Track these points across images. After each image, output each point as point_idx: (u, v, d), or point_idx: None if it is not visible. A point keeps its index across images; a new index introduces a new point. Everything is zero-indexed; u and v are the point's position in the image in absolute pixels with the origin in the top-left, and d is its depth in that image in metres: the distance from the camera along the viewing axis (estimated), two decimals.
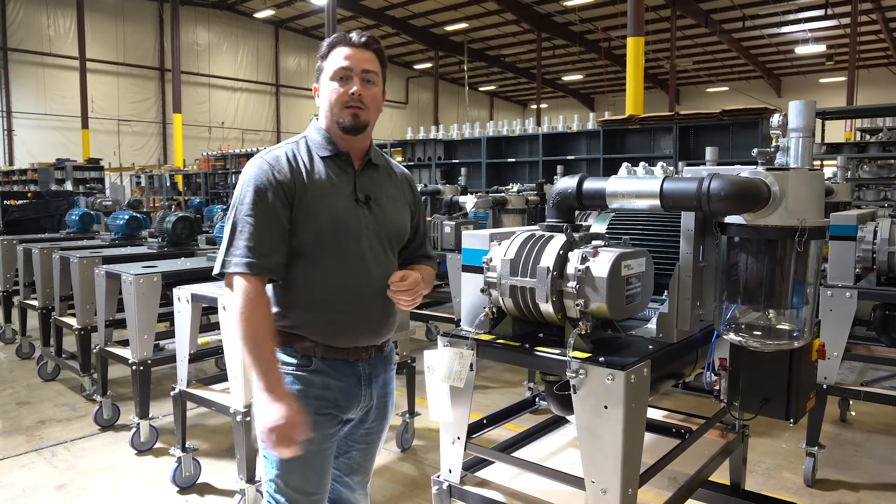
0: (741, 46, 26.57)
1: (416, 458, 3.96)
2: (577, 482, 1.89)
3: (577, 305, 1.82)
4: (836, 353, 3.42)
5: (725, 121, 9.11)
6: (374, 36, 1.89)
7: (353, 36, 1.85)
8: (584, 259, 1.83)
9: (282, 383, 1.72)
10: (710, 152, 5.07)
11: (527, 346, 1.94)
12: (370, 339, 1.90)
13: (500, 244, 2.02)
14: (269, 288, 1.82)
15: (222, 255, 1.74)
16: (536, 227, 2.10)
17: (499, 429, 2.53)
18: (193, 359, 3.48)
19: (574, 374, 1.76)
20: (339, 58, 1.82)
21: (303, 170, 1.81)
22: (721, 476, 2.68)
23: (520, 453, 2.37)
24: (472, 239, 2.20)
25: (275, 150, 1.85)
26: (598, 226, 2.46)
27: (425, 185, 7.74)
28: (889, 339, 3.87)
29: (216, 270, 1.75)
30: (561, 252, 1.87)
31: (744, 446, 2.70)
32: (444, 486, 2.15)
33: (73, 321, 4.81)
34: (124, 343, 4.32)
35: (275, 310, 1.82)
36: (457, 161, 12.76)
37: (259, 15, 26.63)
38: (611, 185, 1.99)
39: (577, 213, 2.30)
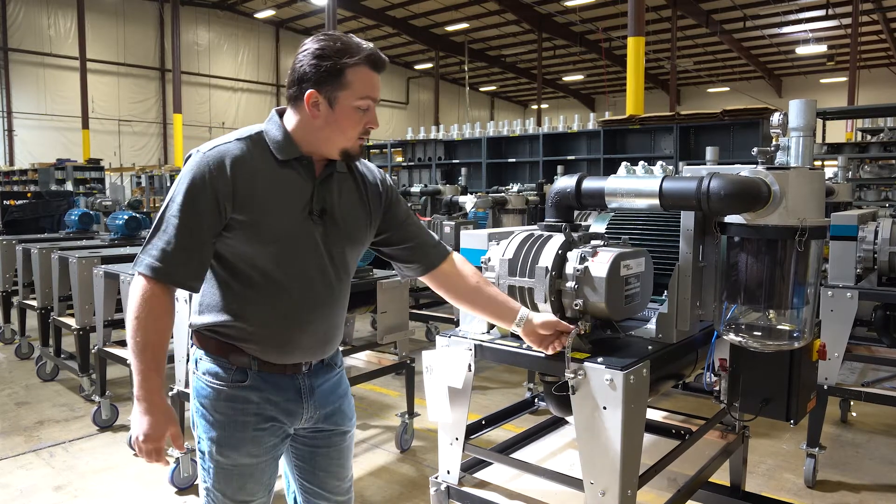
0: (742, 47, 26.56)
1: (415, 458, 3.95)
2: (576, 483, 1.88)
3: (576, 305, 1.81)
4: (836, 354, 3.40)
5: (726, 121, 9.11)
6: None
7: (381, 57, 1.66)
8: (582, 259, 1.82)
9: (160, 393, 1.60)
10: (710, 152, 5.06)
11: (525, 346, 1.92)
12: (311, 356, 1.77)
13: (498, 244, 2.01)
14: (211, 292, 1.69)
15: (140, 250, 1.62)
16: (535, 226, 2.09)
17: (498, 429, 2.52)
18: None
19: (573, 375, 1.74)
20: (367, 83, 1.63)
21: (251, 175, 1.61)
22: (721, 477, 2.67)
23: (519, 454, 2.35)
24: (471, 239, 2.19)
25: (222, 145, 1.63)
26: (597, 226, 2.45)
27: (425, 186, 7.75)
28: (890, 339, 3.86)
29: (133, 265, 1.63)
30: (560, 252, 1.86)
31: (744, 447, 2.68)
32: (443, 487, 2.14)
33: (72, 321, 4.80)
34: (123, 343, 4.31)
35: (215, 317, 1.68)
36: (457, 161, 12.76)
37: (259, 15, 26.64)
38: (610, 184, 1.98)
39: (576, 212, 2.29)
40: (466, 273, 1.91)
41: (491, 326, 2.06)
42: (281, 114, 1.71)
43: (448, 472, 2.14)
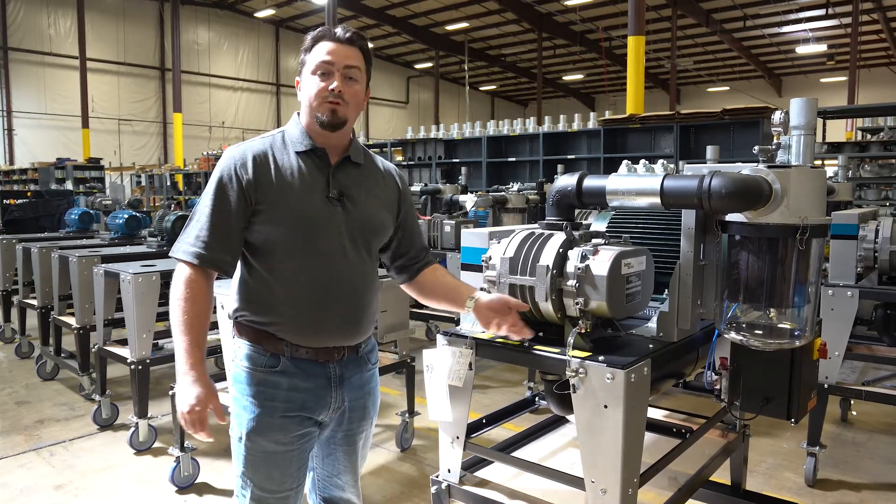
0: (742, 46, 26.54)
1: (415, 457, 3.94)
2: (576, 482, 1.88)
3: (577, 304, 1.81)
4: (837, 353, 3.40)
5: (726, 120, 9.10)
6: (359, 31, 1.84)
7: (338, 31, 1.81)
8: (583, 257, 1.82)
9: (203, 367, 1.72)
10: (710, 151, 5.06)
11: (526, 344, 1.92)
12: (341, 339, 1.85)
13: (499, 242, 2.00)
14: (244, 282, 1.82)
15: (178, 240, 1.78)
16: (536, 225, 2.09)
17: (498, 428, 2.52)
18: None
19: (574, 374, 1.74)
20: (321, 52, 1.78)
21: (271, 165, 1.78)
22: (722, 476, 2.67)
23: (519, 453, 2.35)
24: (472, 237, 2.19)
25: (247, 143, 1.84)
26: (598, 224, 2.45)
27: (426, 185, 7.74)
28: (891, 338, 3.85)
29: (170, 253, 1.80)
30: (560, 250, 1.86)
31: (745, 446, 2.68)
32: (443, 486, 2.14)
33: (72, 320, 4.80)
34: (123, 342, 4.31)
35: (245, 304, 1.82)
36: (457, 160, 12.76)
37: (260, 14, 26.62)
38: (611, 182, 1.97)
39: (577, 211, 2.29)
40: (439, 277, 2.05)
41: None
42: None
43: (449, 471, 2.13)
